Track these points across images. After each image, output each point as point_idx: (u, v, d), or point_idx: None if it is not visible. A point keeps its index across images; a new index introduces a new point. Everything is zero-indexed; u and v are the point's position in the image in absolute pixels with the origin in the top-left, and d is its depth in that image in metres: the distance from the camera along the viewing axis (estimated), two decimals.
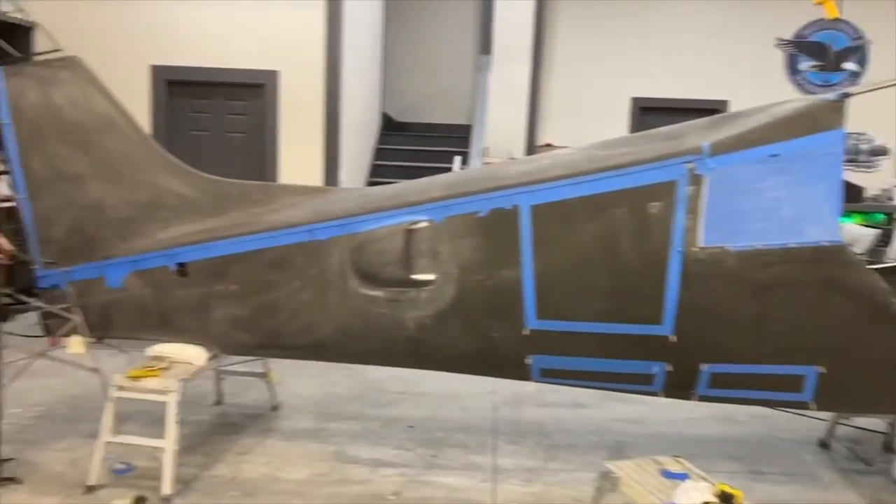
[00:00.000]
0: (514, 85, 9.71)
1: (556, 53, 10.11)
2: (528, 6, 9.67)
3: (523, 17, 9.68)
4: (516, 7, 9.68)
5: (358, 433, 4.28)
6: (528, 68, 9.83)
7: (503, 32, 9.84)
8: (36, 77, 3.62)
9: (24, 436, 4.04)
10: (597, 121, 9.58)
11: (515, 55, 9.71)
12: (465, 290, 3.40)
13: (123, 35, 6.90)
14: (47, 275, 3.70)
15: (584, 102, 9.94)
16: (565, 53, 10.07)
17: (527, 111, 9.81)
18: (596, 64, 9.96)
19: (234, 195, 3.78)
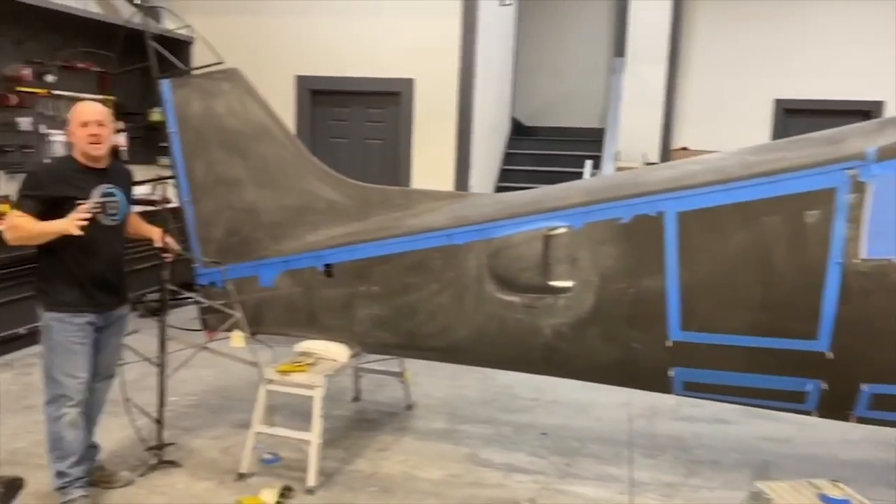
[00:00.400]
0: (649, 87, 9.48)
1: (693, 54, 9.78)
2: (665, 6, 9.42)
3: (660, 17, 9.44)
4: (652, 8, 9.45)
5: (491, 437, 4.30)
6: (664, 70, 9.57)
7: (638, 34, 9.63)
8: (199, 88, 3.88)
9: (181, 423, 4.34)
10: (737, 124, 9.20)
11: (650, 56, 9.47)
12: (604, 299, 3.35)
13: (272, 48, 7.29)
14: (206, 273, 3.97)
15: (723, 104, 9.56)
16: (703, 54, 9.72)
17: (662, 114, 9.56)
18: (736, 64, 9.55)
19: (376, 200, 3.90)
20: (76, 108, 3.24)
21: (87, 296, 3.23)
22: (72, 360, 3.20)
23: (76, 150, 3.23)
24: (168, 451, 3.84)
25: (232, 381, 5.00)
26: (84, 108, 3.23)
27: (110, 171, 3.32)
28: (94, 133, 3.17)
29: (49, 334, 3.22)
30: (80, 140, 3.18)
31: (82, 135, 3.17)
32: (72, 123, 3.21)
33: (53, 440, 3.23)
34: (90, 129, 3.16)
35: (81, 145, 3.18)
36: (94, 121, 3.18)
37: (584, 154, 9.08)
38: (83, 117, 3.17)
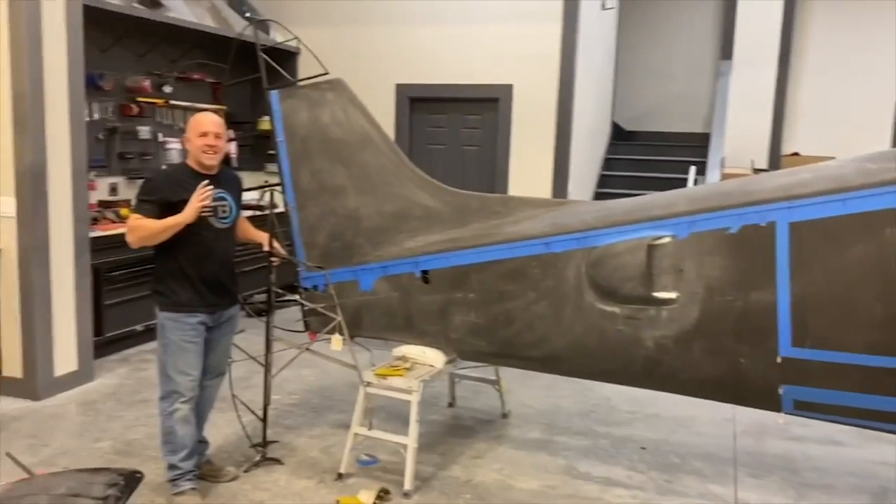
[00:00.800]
0: (758, 90, 9.12)
1: (806, 54, 9.34)
2: (776, 6, 9.05)
3: (770, 18, 9.07)
4: (762, 8, 9.08)
5: (588, 449, 4.23)
6: (774, 72, 9.20)
7: (746, 35, 9.30)
8: (306, 99, 4.01)
9: (283, 421, 4.48)
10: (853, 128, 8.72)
11: (760, 59, 9.12)
12: (710, 311, 3.22)
13: (373, 57, 7.45)
14: (310, 276, 4.08)
15: (839, 108, 9.08)
16: (817, 54, 9.27)
17: (771, 118, 9.18)
18: (852, 65, 9.06)
19: (474, 207, 3.90)
20: (195, 119, 3.41)
21: (199, 296, 3.39)
22: (184, 358, 3.36)
23: (191, 157, 3.40)
24: (271, 448, 3.97)
25: (332, 382, 5.13)
26: (203, 119, 3.39)
27: (221, 177, 3.48)
28: (211, 144, 3.34)
29: (163, 333, 3.39)
30: (196, 148, 3.35)
31: (199, 144, 3.33)
32: (190, 132, 3.38)
33: (166, 434, 3.40)
34: (208, 140, 3.33)
35: (197, 153, 3.35)
36: (212, 132, 3.35)
37: (687, 160, 8.82)
38: (202, 128, 3.34)
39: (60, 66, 4.62)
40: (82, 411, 4.52)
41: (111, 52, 6.06)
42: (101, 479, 1.50)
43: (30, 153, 4.44)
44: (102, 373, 5.19)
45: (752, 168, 8.39)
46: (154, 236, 3.28)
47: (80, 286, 4.90)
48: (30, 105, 4.41)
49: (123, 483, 1.48)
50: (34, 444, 4.01)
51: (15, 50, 4.38)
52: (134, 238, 3.29)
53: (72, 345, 4.87)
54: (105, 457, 3.89)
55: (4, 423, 4.28)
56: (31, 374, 4.63)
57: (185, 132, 3.45)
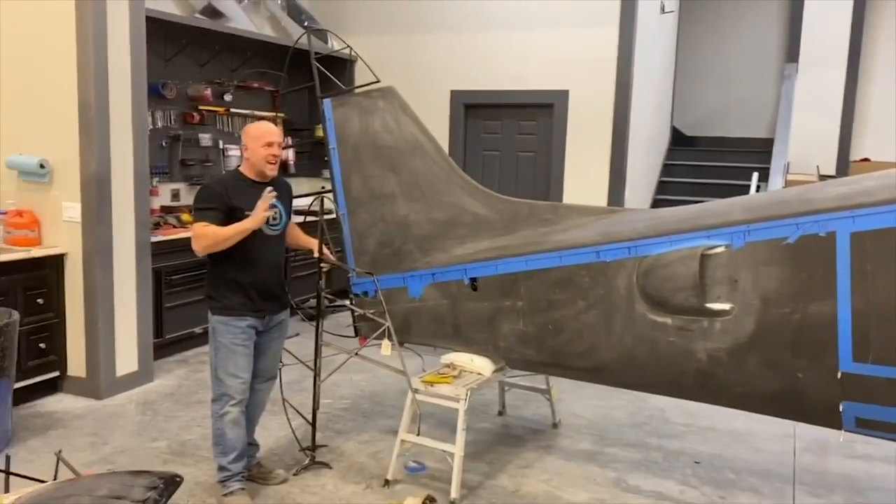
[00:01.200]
0: (825, 94, 8.81)
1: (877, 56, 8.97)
2: (846, 6, 8.73)
3: (839, 17, 8.75)
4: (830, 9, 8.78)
5: (639, 462, 4.14)
6: (843, 74, 8.86)
7: (814, 36, 9.00)
8: (358, 106, 4.04)
9: (333, 425, 4.53)
10: None
11: (828, 60, 8.81)
12: (766, 324, 3.12)
13: (429, 64, 7.49)
14: (360, 282, 4.12)
15: None
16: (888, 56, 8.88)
17: (839, 123, 8.84)
18: None
19: (523, 214, 3.87)
20: (258, 128, 3.47)
21: (249, 301, 3.46)
22: (234, 361, 3.43)
23: (248, 165, 3.47)
24: (320, 452, 4.02)
25: (384, 388, 5.16)
26: (269, 129, 3.47)
27: (273, 184, 3.54)
28: (276, 153, 3.41)
29: (215, 336, 3.47)
30: (261, 158, 3.41)
31: (264, 153, 3.40)
32: (252, 141, 3.43)
33: (217, 436, 3.47)
34: (273, 150, 3.41)
35: (261, 163, 3.41)
36: (276, 142, 3.42)
37: (750, 166, 8.59)
38: (268, 137, 3.42)
39: (124, 76, 4.79)
40: (141, 411, 4.66)
41: (174, 61, 6.25)
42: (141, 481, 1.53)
43: (94, 160, 4.61)
44: (162, 374, 5.34)
45: (819, 174, 8.10)
46: (221, 243, 3.33)
47: (142, 289, 5.06)
48: (95, 114, 4.58)
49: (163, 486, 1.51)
50: (95, 443, 4.15)
51: (81, 61, 4.55)
52: (201, 246, 3.36)
53: (133, 346, 5.02)
54: (161, 456, 4.00)
55: (68, 421, 4.44)
56: (94, 374, 4.80)
57: (242, 140, 3.51)
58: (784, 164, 7.69)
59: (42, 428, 4.33)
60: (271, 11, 7.40)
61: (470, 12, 7.31)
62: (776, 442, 4.46)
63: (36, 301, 4.64)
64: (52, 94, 4.67)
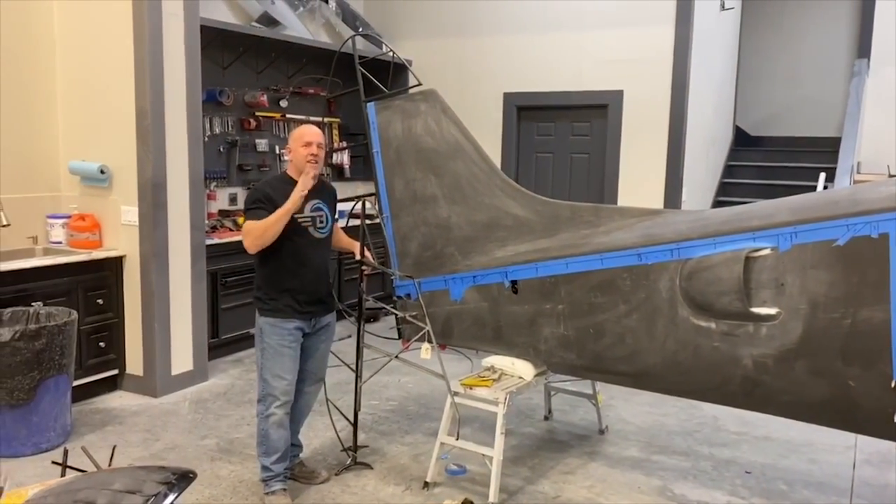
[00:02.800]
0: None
1: None
2: None
3: None
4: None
5: (687, 470, 4.03)
6: None
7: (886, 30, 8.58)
8: (400, 110, 4.07)
9: (378, 426, 4.56)
10: None
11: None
12: (814, 329, 2.99)
13: (481, 66, 7.48)
14: (403, 285, 4.14)
15: None
16: None
17: None
18: None
19: (565, 216, 3.81)
20: (299, 130, 3.56)
21: (296, 303, 3.51)
22: (280, 363, 3.48)
23: (293, 167, 3.53)
24: (363, 453, 4.05)
25: (430, 390, 5.17)
26: (307, 130, 3.54)
27: (319, 188, 3.59)
28: (315, 153, 3.46)
29: (262, 337, 3.54)
30: (300, 158, 3.47)
31: (304, 153, 3.46)
32: (293, 142, 3.52)
33: (261, 436, 3.53)
34: (312, 150, 3.46)
35: (300, 163, 3.48)
36: (315, 142, 3.48)
37: (817, 166, 8.27)
38: (306, 138, 3.49)
39: (180, 84, 4.94)
40: (194, 409, 4.79)
41: (231, 69, 6.42)
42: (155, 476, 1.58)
43: (150, 165, 4.78)
44: (216, 373, 5.48)
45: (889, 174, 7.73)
46: (266, 232, 3.36)
47: (197, 291, 5.21)
48: (151, 121, 4.74)
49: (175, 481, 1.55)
50: (147, 439, 4.29)
51: (138, 70, 4.73)
52: (249, 240, 3.41)
53: (188, 346, 5.17)
54: (209, 453, 4.10)
55: (124, 418, 4.60)
56: (151, 372, 4.96)
57: (287, 143, 3.59)
58: (852, 164, 7.37)
59: (100, 423, 4.50)
60: (326, 18, 7.53)
61: (522, 14, 7.27)
62: (835, 453, 4.27)
63: (96, 301, 4.83)
64: (110, 103, 4.86)
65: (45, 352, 3.98)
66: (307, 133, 3.53)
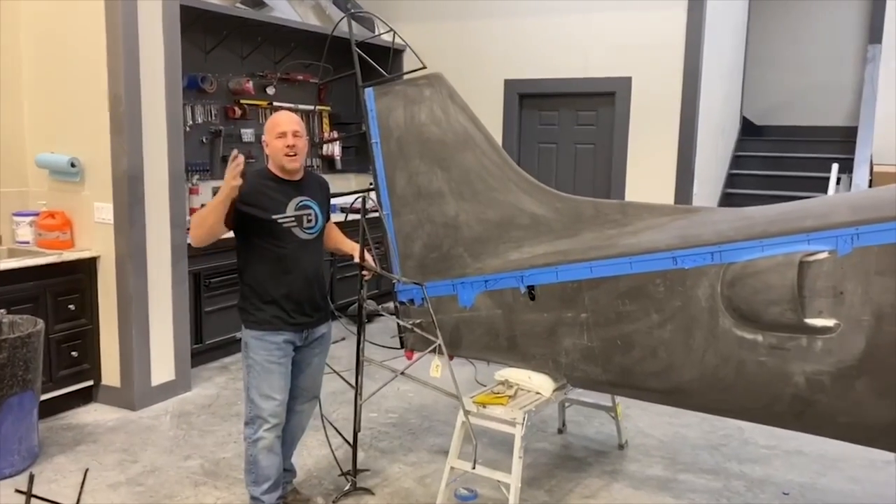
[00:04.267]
0: None
1: None
2: None
3: None
4: None
5: (719, 492, 3.68)
6: None
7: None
8: (402, 96, 3.67)
9: (378, 443, 4.18)
10: None
11: None
12: (880, 344, 2.64)
13: (481, 52, 7.09)
14: (405, 289, 3.75)
15: None
16: None
17: None
18: None
19: (588, 214, 3.44)
20: (271, 119, 3.14)
21: (286, 313, 3.12)
22: (268, 380, 3.09)
23: (271, 162, 3.13)
24: (362, 476, 3.67)
25: (433, 400, 4.79)
26: (280, 119, 3.11)
27: (306, 182, 3.20)
28: (290, 144, 3.04)
29: (247, 352, 3.15)
30: (276, 152, 3.07)
31: (279, 146, 3.05)
32: (267, 134, 3.11)
33: (249, 463, 3.14)
34: (287, 140, 3.04)
35: (278, 157, 3.07)
36: (290, 131, 3.05)
37: (828, 156, 7.95)
38: (279, 128, 3.06)
39: (157, 69, 4.51)
40: (176, 424, 4.39)
41: (214, 53, 5.99)
42: None
43: (126, 158, 4.35)
44: (200, 381, 5.08)
45: None
46: (204, 222, 2.98)
47: (178, 293, 4.80)
48: (126, 109, 4.31)
49: None
50: (124, 460, 3.88)
51: (111, 53, 4.29)
52: (193, 235, 3.06)
53: (169, 354, 4.77)
54: (192, 477, 3.70)
55: (99, 435, 4.20)
56: (128, 383, 4.56)
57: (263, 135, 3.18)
58: (870, 154, 7.05)
59: (72, 442, 4.09)
60: (316, 0, 7.09)
61: None
62: (875, 470, 3.94)
63: (68, 307, 4.41)
64: (81, 89, 4.42)
65: (7, 367, 3.57)
66: (281, 121, 3.09)
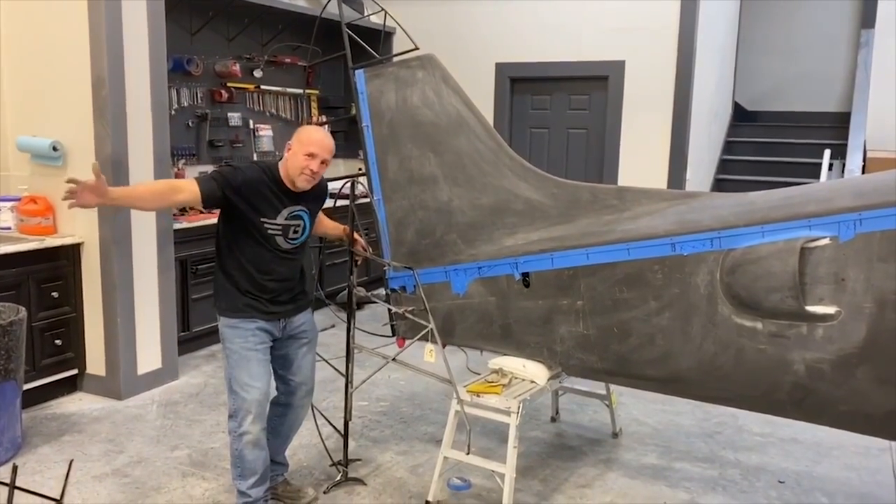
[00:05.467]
0: None
1: None
2: None
3: None
4: None
5: (714, 481, 3.64)
6: None
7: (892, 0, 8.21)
8: (394, 78, 3.58)
9: (370, 432, 4.12)
10: None
11: None
12: (882, 332, 2.59)
13: (472, 35, 6.98)
14: (397, 276, 3.67)
15: None
16: None
17: None
18: None
19: (584, 200, 3.36)
20: (311, 135, 2.97)
21: (258, 302, 3.02)
22: (247, 369, 3.00)
23: (285, 169, 3.00)
24: (353, 466, 3.61)
25: (424, 387, 4.74)
26: (316, 138, 2.96)
27: (304, 195, 3.06)
28: (314, 170, 2.93)
29: (225, 343, 3.07)
30: (296, 166, 2.92)
31: (301, 163, 2.91)
32: (297, 144, 2.95)
33: (235, 458, 3.05)
34: (312, 164, 2.92)
35: (294, 171, 2.94)
36: (320, 157, 2.94)
37: (820, 142, 7.92)
38: (312, 147, 2.92)
39: (141, 50, 4.39)
40: (163, 413, 4.30)
41: (200, 35, 5.86)
42: None
43: (110, 142, 4.23)
44: (188, 370, 4.99)
45: None
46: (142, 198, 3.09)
47: (164, 280, 4.70)
48: (109, 91, 4.19)
49: None
50: (110, 451, 3.80)
51: (94, 33, 4.16)
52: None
53: (155, 342, 4.67)
54: (179, 468, 3.63)
55: (84, 425, 4.11)
56: (114, 372, 4.46)
57: (290, 139, 3.01)
58: (864, 140, 7.01)
59: (56, 433, 4.00)
60: None
61: None
62: (870, 457, 3.92)
63: (51, 294, 4.30)
64: (63, 70, 4.29)
65: None
66: (315, 142, 2.94)
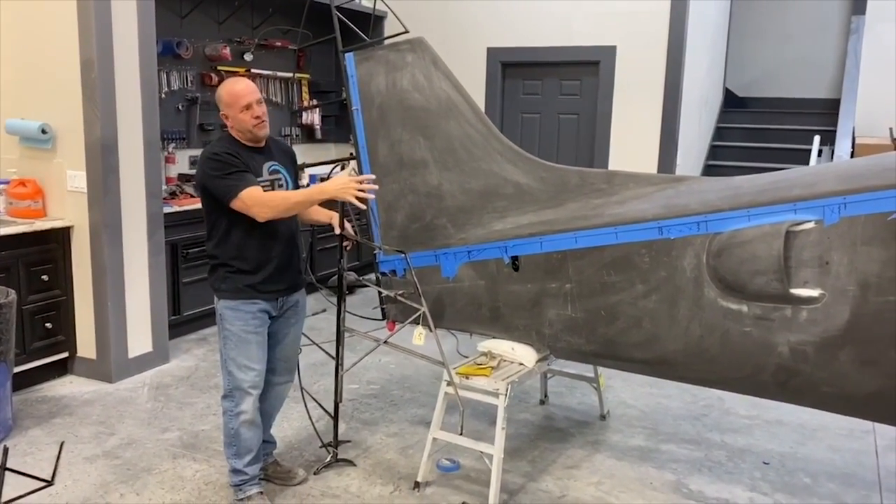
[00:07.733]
0: None
1: None
2: None
3: None
4: None
5: (700, 462, 3.69)
6: None
7: None
8: (384, 61, 3.58)
9: (360, 414, 4.15)
10: None
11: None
12: (864, 314, 2.62)
13: (463, 19, 6.96)
14: (387, 260, 3.69)
15: None
16: None
17: None
18: None
19: (573, 184, 3.38)
20: (230, 91, 2.97)
21: (258, 282, 3.04)
22: (246, 351, 3.03)
23: (236, 132, 3.02)
24: (344, 448, 3.64)
25: (414, 370, 4.77)
26: (239, 91, 2.96)
27: (271, 147, 3.12)
28: (258, 115, 2.95)
29: (223, 324, 3.08)
30: (245, 123, 2.95)
31: (247, 118, 2.94)
32: (229, 108, 2.97)
33: (230, 436, 3.09)
34: (254, 112, 2.94)
35: (246, 128, 2.96)
36: (253, 101, 2.95)
37: (810, 129, 7.95)
38: (243, 100, 2.93)
39: (130, 32, 4.37)
40: (154, 396, 4.32)
41: (190, 18, 5.82)
42: None
43: (99, 124, 4.22)
44: (178, 353, 5.01)
45: (892, 137, 7.42)
46: (292, 208, 2.97)
47: (154, 264, 4.70)
48: (98, 74, 4.18)
49: None
50: (101, 433, 3.82)
51: (82, 14, 4.14)
52: (274, 211, 2.92)
53: (146, 325, 4.69)
54: (170, 450, 3.65)
55: (75, 408, 4.12)
56: (104, 355, 4.48)
57: (219, 106, 3.02)
58: (853, 126, 7.04)
59: (47, 415, 4.01)
60: None
61: None
62: (853, 439, 3.97)
63: (41, 277, 4.31)
64: (51, 52, 4.27)
65: None
66: (242, 94, 2.94)
